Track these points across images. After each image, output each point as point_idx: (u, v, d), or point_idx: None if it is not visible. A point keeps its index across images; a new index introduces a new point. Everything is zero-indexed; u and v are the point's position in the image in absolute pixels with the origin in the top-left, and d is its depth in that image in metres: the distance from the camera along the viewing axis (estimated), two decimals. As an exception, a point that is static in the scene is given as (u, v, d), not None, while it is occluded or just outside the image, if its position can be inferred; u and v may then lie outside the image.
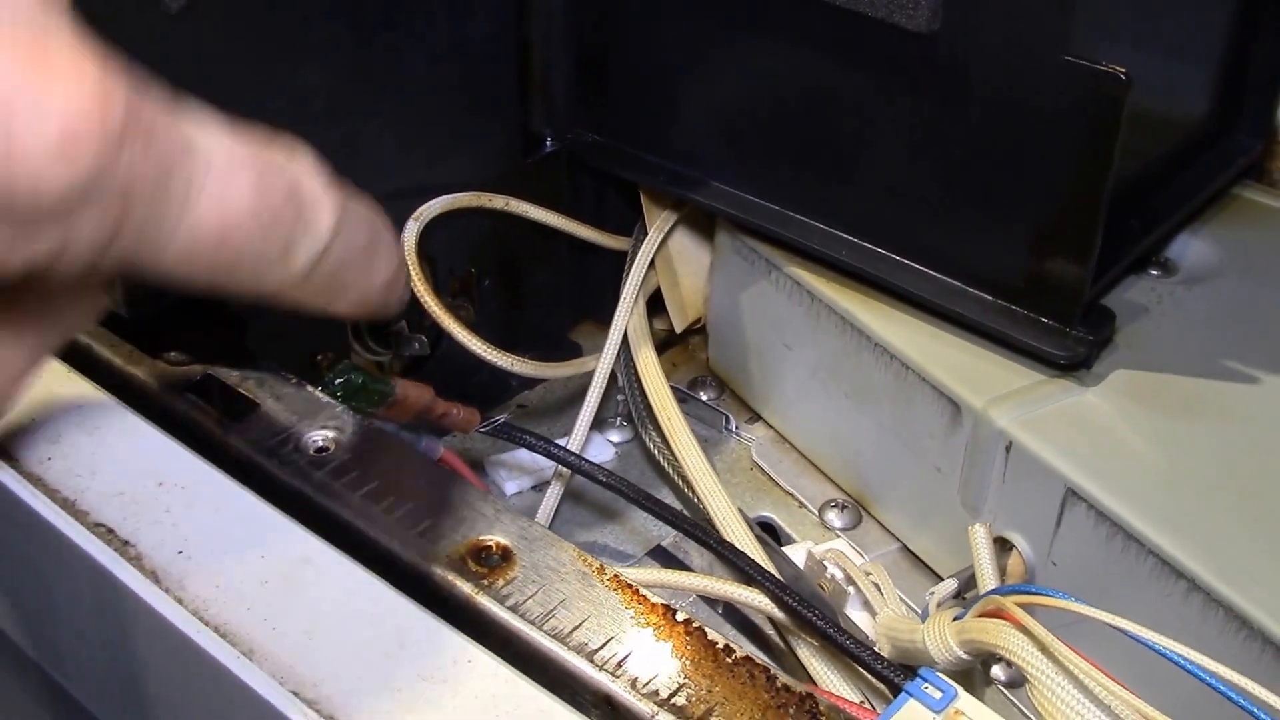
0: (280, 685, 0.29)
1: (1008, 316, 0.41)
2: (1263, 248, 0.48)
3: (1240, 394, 0.41)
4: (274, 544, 0.32)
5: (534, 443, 0.41)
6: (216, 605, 0.30)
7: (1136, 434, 0.39)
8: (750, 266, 0.48)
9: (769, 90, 0.44)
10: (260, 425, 0.35)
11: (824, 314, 0.45)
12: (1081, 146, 0.38)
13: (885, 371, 0.43)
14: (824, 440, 0.48)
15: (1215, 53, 0.49)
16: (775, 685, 0.29)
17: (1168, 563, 0.35)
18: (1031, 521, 0.39)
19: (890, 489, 0.45)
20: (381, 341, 0.44)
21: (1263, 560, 0.35)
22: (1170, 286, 0.46)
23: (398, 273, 0.30)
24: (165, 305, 0.38)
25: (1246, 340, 0.43)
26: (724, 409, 0.51)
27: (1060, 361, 0.41)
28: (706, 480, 0.43)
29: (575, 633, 0.30)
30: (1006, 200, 0.40)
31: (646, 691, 0.29)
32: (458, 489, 0.34)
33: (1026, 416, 0.39)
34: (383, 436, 0.36)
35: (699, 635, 0.30)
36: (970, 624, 0.32)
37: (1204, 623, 0.34)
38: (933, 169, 0.42)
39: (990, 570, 0.35)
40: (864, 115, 0.42)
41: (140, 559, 0.32)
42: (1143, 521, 0.36)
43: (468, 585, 0.31)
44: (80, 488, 0.33)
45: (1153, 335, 0.43)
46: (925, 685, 0.31)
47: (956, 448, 0.41)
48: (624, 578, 0.32)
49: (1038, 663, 0.30)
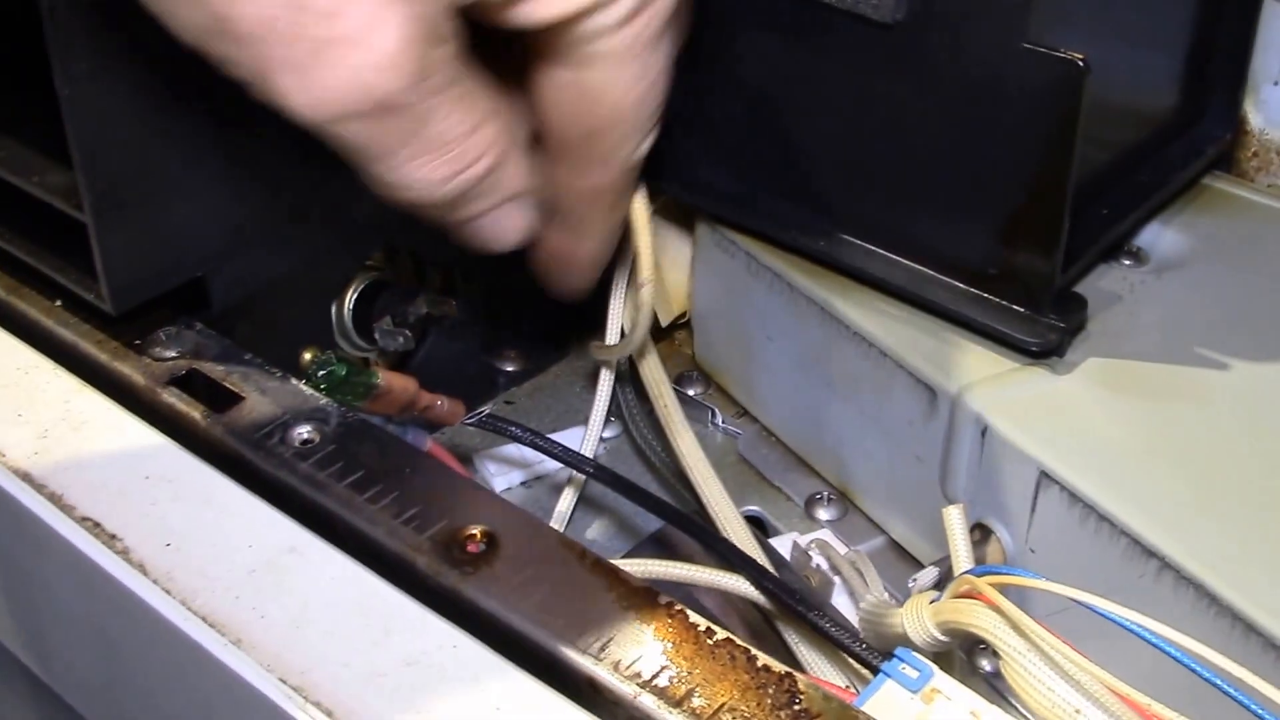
0: (268, 673, 0.29)
1: (981, 304, 0.42)
2: (1231, 237, 0.49)
3: (1210, 379, 0.42)
4: (261, 534, 0.33)
5: (520, 434, 0.41)
6: (204, 595, 0.31)
7: (1108, 419, 0.40)
8: (730, 259, 0.49)
9: (740, 82, 0.45)
10: (246, 418, 0.36)
11: (803, 304, 0.46)
12: (1043, 133, 0.39)
13: (864, 360, 0.44)
14: (808, 432, 0.48)
15: (1182, 43, 0.50)
16: (756, 666, 0.30)
17: (1139, 543, 0.36)
18: (1008, 506, 0.40)
19: (873, 480, 0.45)
20: (366, 336, 0.45)
21: (1231, 539, 0.36)
22: (1141, 275, 0.47)
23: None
24: (150, 302, 0.39)
25: (1216, 327, 0.44)
26: (710, 403, 0.52)
27: (1032, 348, 0.41)
28: (702, 471, 0.43)
29: (559, 617, 0.31)
30: (975, 188, 0.41)
31: (629, 673, 0.29)
32: (443, 478, 0.35)
33: (1001, 401, 0.40)
34: (368, 428, 0.36)
35: (681, 618, 0.31)
36: (945, 605, 0.33)
37: (1176, 601, 0.35)
38: (902, 158, 0.42)
39: (964, 551, 0.36)
40: (833, 106, 0.43)
41: (128, 551, 0.32)
42: (1115, 503, 0.37)
43: (453, 572, 0.32)
44: (67, 482, 0.34)
45: (1124, 322, 0.44)
46: (902, 665, 0.31)
47: (934, 435, 0.41)
48: (607, 563, 0.32)
49: (1010, 640, 0.30)
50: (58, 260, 0.39)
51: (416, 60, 0.29)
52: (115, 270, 0.37)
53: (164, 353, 0.38)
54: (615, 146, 0.36)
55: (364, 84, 0.29)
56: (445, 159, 0.32)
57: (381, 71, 0.29)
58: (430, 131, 0.31)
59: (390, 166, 0.32)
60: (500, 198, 0.35)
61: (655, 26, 0.33)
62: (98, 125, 0.34)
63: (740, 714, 0.28)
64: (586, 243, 0.39)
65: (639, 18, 0.33)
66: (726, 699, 0.29)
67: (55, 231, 0.38)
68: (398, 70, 0.29)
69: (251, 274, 0.41)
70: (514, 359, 0.53)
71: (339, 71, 0.29)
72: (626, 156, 0.36)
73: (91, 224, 0.36)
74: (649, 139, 0.37)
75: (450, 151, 0.32)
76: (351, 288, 0.44)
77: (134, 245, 0.37)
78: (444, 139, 0.32)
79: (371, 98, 0.29)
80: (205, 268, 0.40)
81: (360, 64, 0.29)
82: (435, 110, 0.31)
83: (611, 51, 0.33)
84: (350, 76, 0.29)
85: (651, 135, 0.37)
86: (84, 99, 0.33)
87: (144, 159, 0.36)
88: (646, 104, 0.35)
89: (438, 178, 0.32)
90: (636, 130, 0.36)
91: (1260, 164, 0.54)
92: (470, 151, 0.33)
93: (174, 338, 0.39)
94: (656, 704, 0.29)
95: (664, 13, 0.33)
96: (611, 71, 0.33)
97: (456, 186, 0.33)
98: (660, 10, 0.33)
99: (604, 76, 0.33)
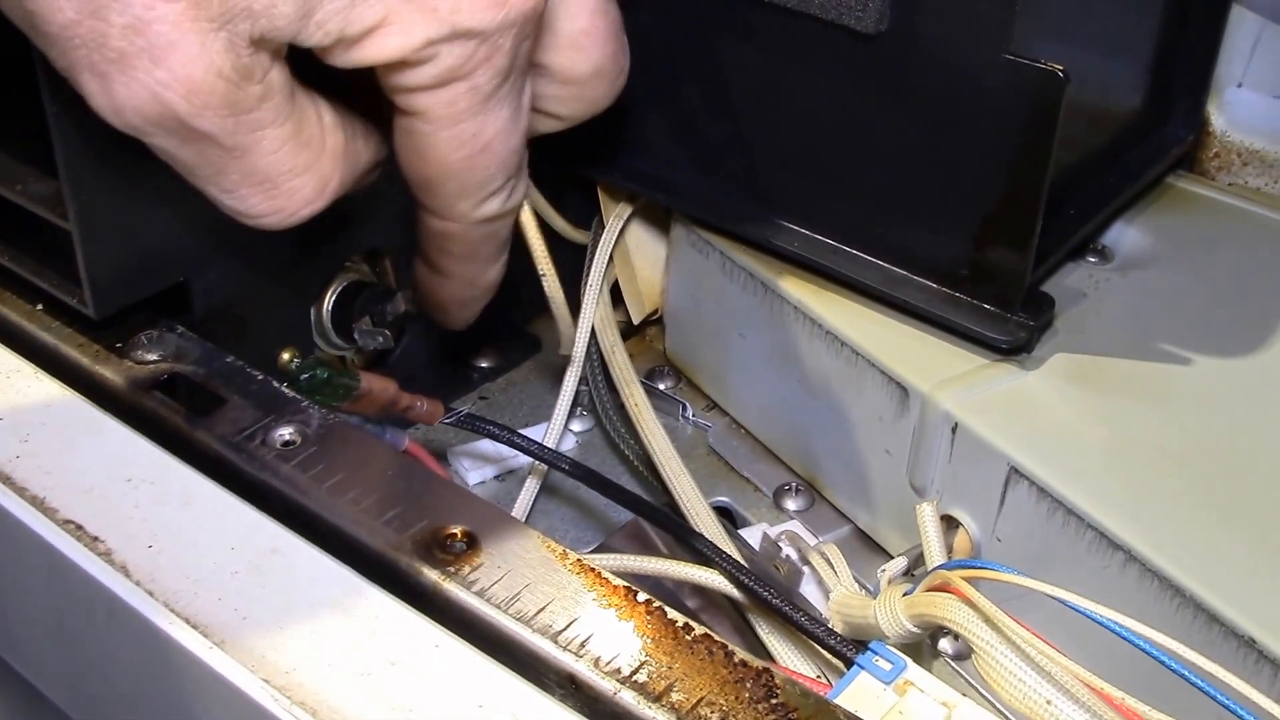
0: (252, 674, 0.29)
1: (952, 303, 0.43)
2: (1195, 235, 0.50)
3: (1173, 375, 0.43)
4: (243, 536, 0.33)
5: (498, 433, 0.42)
6: (187, 597, 0.31)
7: (1076, 414, 0.41)
8: (705, 259, 0.49)
9: (721, 87, 0.46)
10: (227, 420, 0.36)
11: (776, 303, 0.46)
12: (1021, 141, 0.40)
13: (835, 358, 0.44)
14: (778, 426, 0.49)
15: (1148, 49, 0.51)
16: (733, 661, 0.30)
17: (1106, 536, 0.37)
18: (977, 500, 0.41)
19: (842, 472, 0.46)
20: (345, 336, 0.45)
21: (1194, 532, 0.37)
22: (1107, 273, 0.48)
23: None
24: (131, 306, 0.39)
25: (1179, 324, 0.45)
26: (681, 397, 0.52)
27: (1002, 346, 0.42)
28: (671, 465, 0.44)
29: (539, 615, 0.31)
30: (950, 192, 0.42)
31: (609, 670, 0.30)
32: (423, 479, 0.35)
33: (971, 399, 0.41)
34: (348, 429, 0.36)
35: (659, 614, 0.31)
36: (919, 599, 0.34)
37: (1140, 592, 0.36)
38: (880, 162, 0.43)
39: (937, 546, 0.37)
40: (814, 112, 0.44)
41: (110, 554, 0.32)
42: (1082, 497, 0.38)
43: (434, 572, 0.32)
44: (49, 485, 0.34)
45: (1090, 320, 0.45)
46: (876, 658, 0.32)
47: (905, 430, 0.42)
48: (587, 562, 0.33)
49: (982, 633, 0.31)
50: (39, 265, 0.39)
51: (223, 92, 0.29)
52: (97, 276, 0.37)
53: (146, 356, 0.38)
54: (450, 200, 0.35)
55: (164, 102, 0.29)
56: (272, 194, 0.32)
57: (182, 94, 0.29)
58: (253, 165, 0.31)
59: (221, 190, 0.32)
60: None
61: (479, 94, 0.32)
62: (82, 138, 0.35)
63: (719, 708, 0.29)
64: (446, 284, 0.39)
65: (457, 83, 0.32)
66: (705, 693, 0.29)
67: (36, 237, 0.38)
68: (201, 97, 0.29)
69: (232, 278, 0.41)
70: (488, 356, 0.54)
71: (137, 86, 0.29)
72: (466, 213, 0.35)
73: (75, 232, 0.36)
74: (495, 200, 0.35)
75: (277, 188, 0.32)
76: (330, 289, 0.45)
77: (116, 252, 0.38)
78: (269, 175, 0.32)
79: (173, 116, 0.29)
80: (186, 273, 0.40)
81: (160, 82, 0.29)
82: (257, 145, 0.31)
83: (429, 110, 0.32)
84: (150, 93, 0.29)
85: (498, 198, 0.35)
86: (70, 114, 0.34)
87: (126, 169, 0.36)
88: (479, 166, 0.34)
89: (266, 210, 0.32)
90: (473, 189, 0.35)
91: (1221, 164, 0.55)
92: (302, 190, 0.32)
93: (155, 341, 0.39)
94: (636, 699, 0.29)
95: (487, 85, 0.32)
96: (432, 128, 0.33)
97: (284, 221, 0.33)
98: (483, 83, 0.32)
99: (427, 130, 0.33)
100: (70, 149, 0.35)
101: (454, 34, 0.31)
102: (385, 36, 0.31)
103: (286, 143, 0.31)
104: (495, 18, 0.31)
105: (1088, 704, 0.29)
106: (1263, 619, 0.34)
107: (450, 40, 0.31)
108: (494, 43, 0.32)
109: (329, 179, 0.33)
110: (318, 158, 0.32)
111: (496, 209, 0.36)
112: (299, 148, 0.32)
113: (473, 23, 0.31)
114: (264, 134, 0.31)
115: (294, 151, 0.32)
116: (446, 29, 0.31)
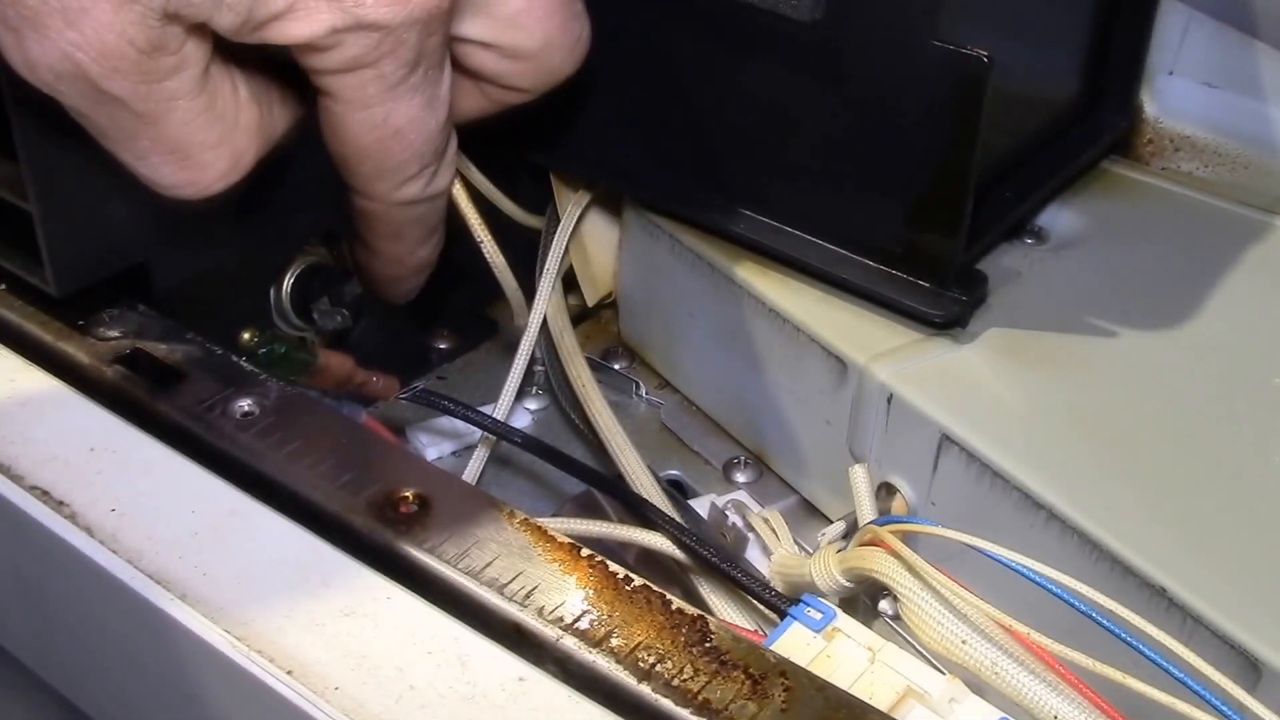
0: (214, 624, 0.31)
1: (888, 280, 0.45)
2: (1126, 217, 0.52)
3: (1097, 348, 0.45)
4: (203, 500, 0.34)
5: (452, 408, 0.43)
6: (150, 555, 0.33)
7: (1004, 385, 0.43)
8: (655, 242, 0.51)
9: (667, 75, 0.47)
10: (188, 393, 0.37)
11: (722, 283, 0.48)
12: (949, 124, 0.41)
13: (778, 334, 0.46)
14: (726, 401, 0.51)
15: (1081, 38, 0.53)
16: (670, 609, 0.32)
17: (1029, 496, 0.39)
18: (912, 466, 0.42)
19: (786, 443, 0.48)
20: (304, 317, 0.46)
21: (1109, 491, 0.39)
22: (1041, 253, 0.50)
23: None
24: (94, 283, 0.40)
25: (1107, 301, 0.47)
26: (635, 376, 0.54)
27: (936, 321, 0.44)
28: (617, 439, 0.46)
29: (487, 570, 0.33)
30: (884, 174, 0.44)
31: (552, 618, 0.31)
32: (377, 446, 0.37)
33: (906, 371, 0.43)
34: (306, 400, 0.38)
35: (601, 567, 0.33)
36: (850, 554, 0.36)
37: (1062, 548, 0.38)
38: (817, 146, 0.45)
39: (869, 505, 0.39)
40: (756, 98, 0.45)
41: (75, 516, 0.33)
42: (1008, 461, 0.39)
43: (387, 531, 0.34)
44: (14, 454, 0.35)
45: (1023, 297, 0.47)
46: (807, 609, 0.34)
47: (843, 402, 0.44)
48: (533, 521, 0.34)
49: (906, 581, 0.33)
50: (1, 246, 0.40)
51: (133, 59, 0.30)
52: (58, 255, 0.38)
53: (108, 333, 0.39)
54: (367, 181, 0.36)
55: (75, 62, 0.30)
56: (184, 165, 0.33)
57: (93, 56, 0.30)
58: (164, 134, 0.32)
59: (134, 156, 0.33)
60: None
61: (386, 82, 0.33)
62: (42, 123, 0.36)
63: (655, 651, 0.31)
64: (375, 260, 0.40)
65: (363, 70, 0.33)
66: (643, 638, 0.31)
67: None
68: (112, 60, 0.30)
69: (192, 260, 0.42)
70: (446, 337, 0.55)
71: (49, 44, 0.30)
72: (385, 194, 0.37)
73: (36, 213, 0.38)
74: (413, 185, 0.36)
75: (189, 159, 0.33)
76: (289, 271, 0.46)
77: (76, 234, 0.39)
78: (180, 145, 0.33)
79: (83, 76, 0.31)
80: (145, 254, 0.41)
81: (71, 42, 0.30)
82: (168, 115, 0.32)
83: (340, 92, 0.34)
84: (61, 52, 0.30)
85: (417, 183, 0.36)
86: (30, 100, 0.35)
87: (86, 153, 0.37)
88: (393, 151, 0.35)
89: (179, 180, 0.34)
90: (388, 172, 0.36)
91: (1155, 149, 0.58)
92: (215, 164, 0.33)
93: (117, 319, 0.40)
94: (578, 645, 0.31)
95: (394, 74, 0.33)
96: (343, 109, 0.34)
97: (199, 192, 0.34)
98: (389, 72, 0.33)
99: (339, 110, 0.34)
100: (29, 131, 0.36)
101: (358, 25, 0.32)
102: (291, 22, 0.32)
103: (200, 114, 0.32)
104: (398, 14, 0.32)
105: (1000, 642, 0.31)
106: (1172, 569, 0.36)
107: (354, 30, 0.32)
108: (398, 36, 0.33)
109: (243, 153, 0.34)
110: (231, 132, 0.33)
111: (416, 193, 0.37)
112: (212, 120, 0.33)
113: (375, 16, 0.32)
114: (176, 104, 0.32)
115: (207, 124, 0.33)
116: (351, 20, 0.32)
